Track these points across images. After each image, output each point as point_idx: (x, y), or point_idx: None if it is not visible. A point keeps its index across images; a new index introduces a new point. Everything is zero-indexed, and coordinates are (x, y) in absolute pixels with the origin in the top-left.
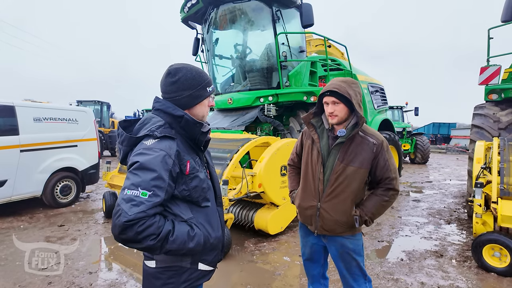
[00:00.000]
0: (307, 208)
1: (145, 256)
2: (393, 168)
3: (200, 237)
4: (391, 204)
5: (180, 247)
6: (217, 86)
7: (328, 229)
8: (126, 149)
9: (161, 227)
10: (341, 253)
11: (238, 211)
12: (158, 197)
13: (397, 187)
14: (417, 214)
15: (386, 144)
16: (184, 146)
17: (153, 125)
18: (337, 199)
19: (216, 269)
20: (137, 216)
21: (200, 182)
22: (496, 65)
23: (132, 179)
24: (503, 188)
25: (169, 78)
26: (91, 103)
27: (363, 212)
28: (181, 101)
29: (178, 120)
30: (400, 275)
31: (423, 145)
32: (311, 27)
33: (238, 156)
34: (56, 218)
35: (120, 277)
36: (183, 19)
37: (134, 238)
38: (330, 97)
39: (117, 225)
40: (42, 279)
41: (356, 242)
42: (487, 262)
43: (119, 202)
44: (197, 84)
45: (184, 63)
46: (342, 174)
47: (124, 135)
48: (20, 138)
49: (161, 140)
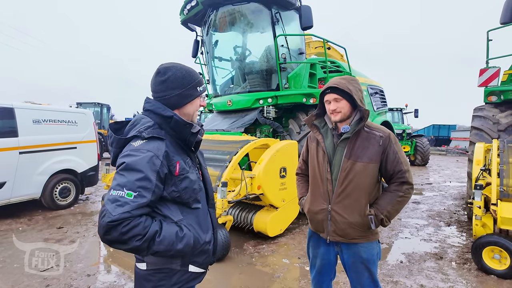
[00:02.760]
0: (317, 212)
1: (137, 259)
2: (404, 160)
3: (189, 238)
4: (407, 199)
5: (168, 248)
6: (217, 88)
7: (341, 233)
8: (115, 151)
9: (147, 227)
10: (354, 262)
11: (237, 213)
12: (144, 198)
13: (411, 180)
14: (417, 216)
15: (393, 137)
16: (174, 147)
17: (142, 126)
18: (349, 199)
19: (207, 271)
20: (121, 217)
21: (190, 183)
22: (496, 67)
23: (118, 180)
24: (503, 190)
25: (158, 77)
26: (91, 105)
27: (378, 211)
28: (170, 101)
29: (167, 120)
30: (400, 277)
31: (423, 147)
32: (311, 29)
33: (237, 158)
34: (55, 220)
35: (118, 280)
36: (182, 21)
37: (119, 239)
38: (331, 94)
39: (102, 226)
40: (40, 282)
41: (370, 251)
42: (487, 264)
43: (105, 202)
44: (187, 84)
45: (175, 62)
46: (351, 172)
47: (113, 137)
48: (19, 140)
49: (149, 141)
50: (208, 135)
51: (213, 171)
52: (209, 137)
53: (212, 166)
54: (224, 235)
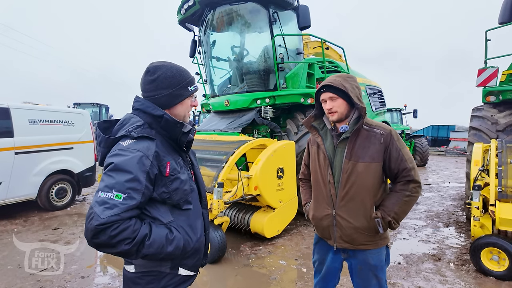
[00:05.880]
0: (322, 218)
1: (125, 261)
2: (409, 157)
3: (179, 240)
4: (415, 199)
5: (158, 251)
6: (214, 88)
7: (348, 239)
8: (104, 151)
9: (136, 230)
10: (361, 269)
11: (234, 214)
12: (134, 200)
13: (417, 178)
14: (415, 217)
15: (395, 133)
16: (164, 146)
17: (132, 125)
18: (353, 202)
19: (198, 273)
20: (110, 220)
21: (181, 184)
22: (494, 67)
23: (106, 181)
24: (501, 190)
25: (148, 76)
26: (89, 105)
27: (385, 213)
28: (160, 100)
29: (158, 120)
30: (397, 279)
31: (422, 147)
32: (308, 28)
33: (234, 158)
34: (51, 221)
35: (112, 282)
36: (180, 21)
37: (107, 243)
38: (327, 93)
39: (89, 229)
40: (33, 283)
41: (379, 257)
42: (485, 265)
43: (92, 205)
44: (177, 83)
45: (165, 61)
46: (353, 173)
47: (101, 136)
48: (15, 140)
49: (138, 141)
50: (205, 135)
51: (209, 172)
52: (206, 137)
53: (209, 167)
54: (221, 236)
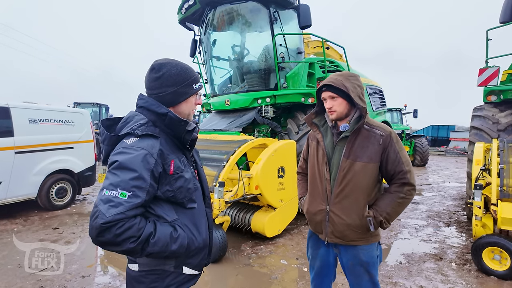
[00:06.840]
0: (316, 213)
1: (129, 259)
2: (406, 160)
3: (184, 239)
4: (408, 201)
5: (162, 250)
6: (215, 88)
7: (339, 235)
8: (107, 149)
9: (141, 229)
10: (352, 265)
11: (234, 214)
12: (139, 198)
13: (413, 181)
14: (416, 216)
15: (395, 135)
16: (168, 145)
17: (136, 123)
18: (348, 199)
19: (202, 273)
20: (115, 218)
21: (185, 183)
22: (495, 67)
23: (111, 179)
24: (503, 190)
25: (153, 73)
26: (89, 105)
27: (377, 212)
28: (165, 98)
29: (162, 118)
30: (399, 278)
31: (422, 147)
32: (309, 28)
33: (235, 157)
34: (51, 221)
35: (113, 281)
36: (180, 20)
37: (112, 241)
38: (327, 92)
39: (94, 227)
40: (33, 283)
41: (370, 253)
42: (487, 265)
43: (97, 203)
44: (182, 81)
45: (170, 58)
46: (349, 171)
47: (105, 134)
48: (15, 140)
49: (142, 139)
50: (206, 135)
51: (210, 171)
52: (206, 137)
53: (210, 166)
54: (221, 236)
